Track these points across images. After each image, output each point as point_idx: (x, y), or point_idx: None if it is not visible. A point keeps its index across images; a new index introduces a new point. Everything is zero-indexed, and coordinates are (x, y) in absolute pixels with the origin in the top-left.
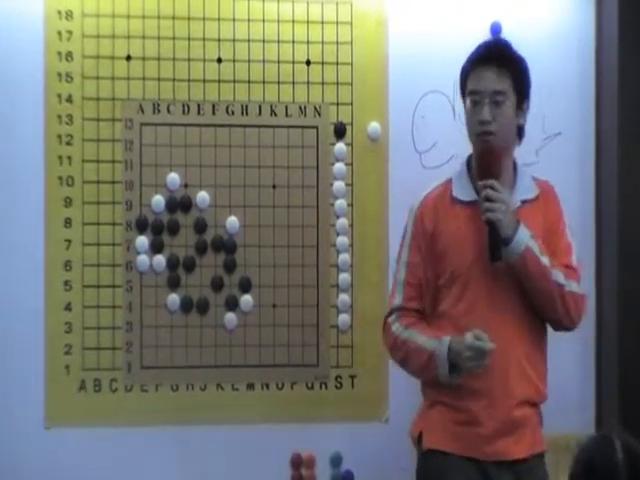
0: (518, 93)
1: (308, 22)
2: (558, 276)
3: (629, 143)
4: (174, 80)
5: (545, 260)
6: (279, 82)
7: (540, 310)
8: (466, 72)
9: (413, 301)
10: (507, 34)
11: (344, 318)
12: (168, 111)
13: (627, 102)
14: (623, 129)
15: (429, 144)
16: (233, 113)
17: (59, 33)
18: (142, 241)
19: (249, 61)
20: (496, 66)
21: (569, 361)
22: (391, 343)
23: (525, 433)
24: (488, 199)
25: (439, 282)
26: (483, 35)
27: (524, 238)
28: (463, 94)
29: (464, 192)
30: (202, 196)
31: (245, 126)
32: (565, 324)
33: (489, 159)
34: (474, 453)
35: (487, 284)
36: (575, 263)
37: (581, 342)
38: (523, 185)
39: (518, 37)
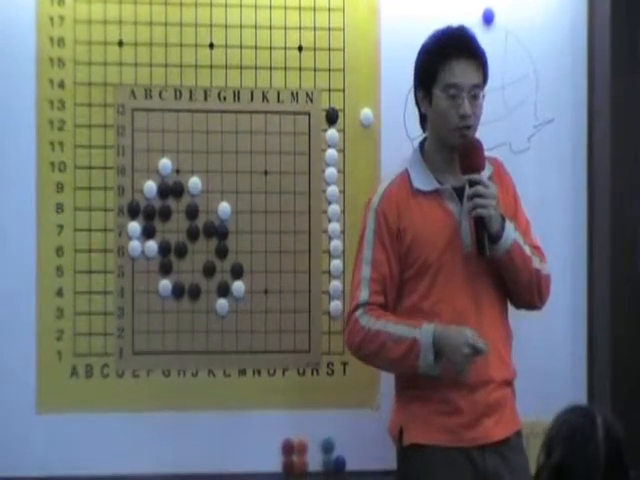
0: (484, 85)
1: (300, 8)
2: (536, 262)
3: (621, 129)
4: (166, 66)
5: (527, 250)
6: (271, 68)
7: (517, 294)
8: (437, 62)
9: (379, 296)
10: (499, 20)
11: (336, 305)
12: (160, 97)
13: (619, 88)
14: (615, 115)
15: (420, 130)
16: (225, 99)
17: (51, 18)
18: (134, 227)
19: (241, 47)
20: (471, 58)
21: (560, 346)
22: (361, 337)
23: (504, 413)
24: (477, 195)
25: (406, 275)
26: (475, 21)
27: (510, 232)
28: (427, 85)
29: (424, 182)
30: (194, 182)
31: (237, 112)
32: (536, 305)
33: (476, 152)
34: (457, 442)
35: (459, 272)
36: (537, 240)
37: (572, 328)
38: None
39: (510, 23)
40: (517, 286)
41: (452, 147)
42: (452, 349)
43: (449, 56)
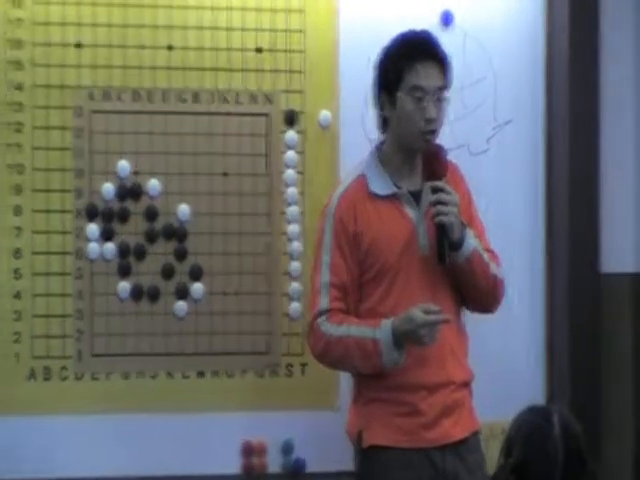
0: (447, 88)
1: (259, 10)
2: (493, 268)
3: (579, 129)
4: (125, 68)
5: (486, 257)
6: (230, 70)
7: (473, 299)
8: (402, 65)
9: (339, 302)
10: (458, 22)
11: (295, 306)
12: (118, 99)
13: (577, 89)
14: (573, 116)
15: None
16: (184, 101)
17: (9, 20)
18: (92, 229)
19: (200, 49)
20: (436, 61)
21: (519, 348)
22: (324, 344)
23: (462, 414)
24: (440, 202)
25: (364, 279)
26: (434, 23)
27: (471, 240)
28: (391, 88)
29: (381, 186)
30: (153, 184)
31: (196, 114)
32: (491, 309)
33: (437, 160)
34: (417, 442)
35: (416, 276)
36: (491, 244)
37: (531, 329)
38: None
39: (468, 25)
40: (475, 292)
41: (414, 151)
42: (411, 338)
43: (414, 59)
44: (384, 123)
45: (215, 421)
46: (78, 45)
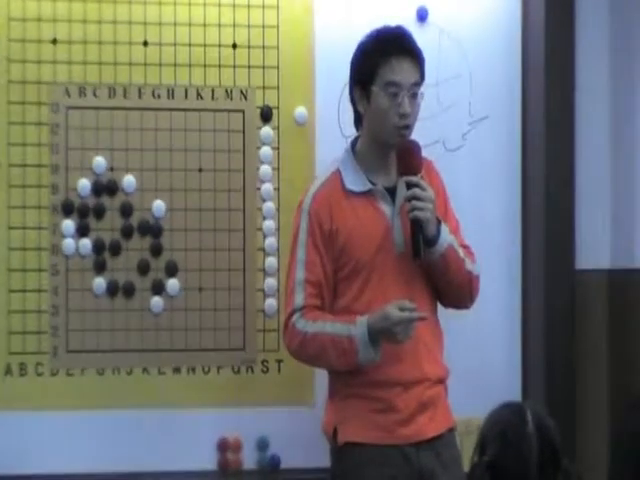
0: (421, 83)
1: (234, 5)
2: (468, 264)
3: (555, 126)
4: (100, 64)
5: (461, 253)
6: (205, 65)
7: (448, 295)
8: (376, 60)
9: (314, 298)
10: (433, 18)
11: (271, 302)
12: (94, 95)
13: (553, 86)
14: (549, 112)
15: (354, 129)
16: (159, 97)
17: None
18: (68, 225)
19: (175, 44)
20: (411, 57)
21: (495, 344)
22: (299, 341)
23: (437, 410)
24: (415, 197)
25: (339, 276)
26: (409, 19)
27: (446, 236)
28: (365, 83)
29: (356, 183)
30: (128, 180)
31: (171, 110)
32: (466, 305)
33: (412, 155)
34: (391, 439)
35: (391, 273)
36: (464, 239)
37: (507, 326)
38: None
39: (444, 21)
40: (449, 288)
41: (389, 146)
42: (386, 335)
43: (389, 54)
44: (358, 119)
45: (191, 417)
46: (54, 41)
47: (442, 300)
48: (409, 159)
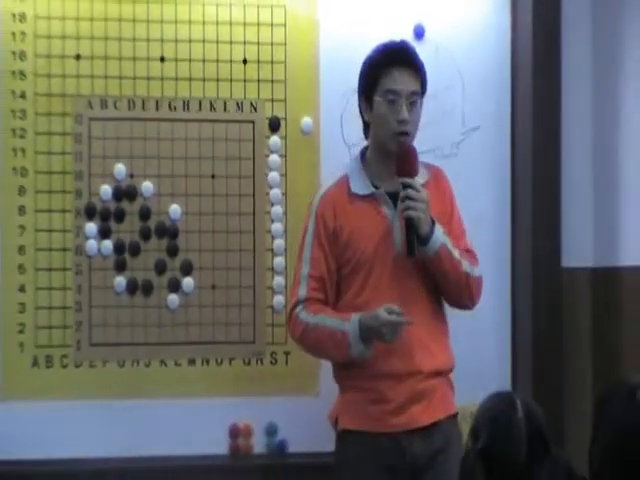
0: (422, 94)
1: (245, 24)
2: (465, 265)
3: (541, 136)
4: (120, 78)
5: (456, 254)
6: (218, 80)
7: (446, 295)
8: (377, 71)
9: (317, 292)
10: (429, 35)
11: (279, 299)
12: (115, 107)
13: (540, 98)
14: (536, 123)
15: (356, 138)
16: (175, 108)
17: (13, 34)
18: (91, 227)
19: (190, 60)
20: (411, 68)
21: (487, 338)
22: (301, 331)
23: (431, 401)
24: (409, 197)
25: (342, 273)
26: (407, 36)
27: (439, 236)
28: (369, 93)
29: (361, 187)
30: (147, 185)
31: (186, 120)
32: (467, 305)
33: (411, 158)
34: (384, 427)
35: (388, 272)
36: (470, 245)
37: (497, 321)
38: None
39: (439, 37)
40: (446, 286)
41: (389, 152)
42: (375, 334)
43: (389, 65)
44: (366, 128)
45: (205, 405)
46: (77, 57)
47: (444, 298)
48: (405, 162)
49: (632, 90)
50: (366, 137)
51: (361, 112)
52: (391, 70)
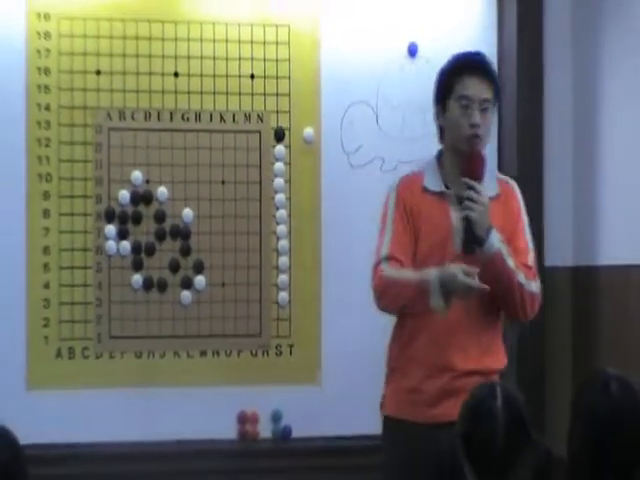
0: (495, 103)
1: (252, 42)
2: (520, 277)
3: (525, 143)
4: (137, 91)
5: (511, 262)
6: (227, 93)
7: (499, 302)
8: (452, 78)
9: (399, 254)
10: (422, 52)
11: (283, 295)
12: (132, 118)
13: (525, 110)
14: (520, 131)
15: (355, 146)
16: (188, 120)
17: (38, 51)
18: (110, 229)
19: (201, 75)
20: (484, 76)
21: None
22: (384, 283)
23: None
24: (469, 199)
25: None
26: (402, 54)
27: (495, 242)
28: (443, 98)
29: (434, 183)
30: (161, 191)
31: (198, 131)
32: (520, 318)
33: (476, 161)
34: (419, 417)
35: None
36: (531, 262)
37: None
38: (485, 183)
39: (431, 54)
40: (498, 292)
41: (461, 154)
42: (451, 290)
43: (463, 73)
44: (441, 132)
45: (215, 394)
46: (97, 72)
47: (498, 306)
48: (470, 164)
49: (612, 92)
50: (440, 141)
51: (436, 117)
52: (463, 77)
